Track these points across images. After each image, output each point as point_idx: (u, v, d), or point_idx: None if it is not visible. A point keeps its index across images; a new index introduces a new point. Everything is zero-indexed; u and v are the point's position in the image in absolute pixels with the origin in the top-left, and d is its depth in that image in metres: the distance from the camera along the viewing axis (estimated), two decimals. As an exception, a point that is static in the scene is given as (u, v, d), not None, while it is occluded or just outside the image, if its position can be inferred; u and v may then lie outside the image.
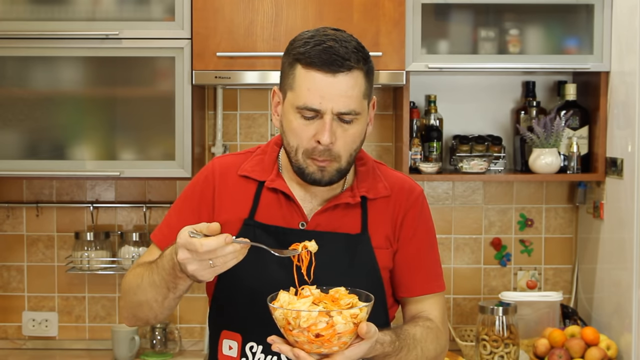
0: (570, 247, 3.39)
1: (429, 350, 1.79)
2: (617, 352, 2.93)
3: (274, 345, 1.56)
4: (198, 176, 1.90)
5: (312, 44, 1.69)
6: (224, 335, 1.83)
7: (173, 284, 1.66)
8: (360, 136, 1.76)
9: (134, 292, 1.76)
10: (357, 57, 1.69)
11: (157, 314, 1.76)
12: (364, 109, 1.74)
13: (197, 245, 1.53)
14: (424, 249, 1.89)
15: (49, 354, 3.31)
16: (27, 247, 3.34)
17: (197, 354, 3.29)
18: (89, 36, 2.93)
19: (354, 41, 1.72)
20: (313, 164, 1.73)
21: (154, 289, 1.70)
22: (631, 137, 2.84)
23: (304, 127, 1.71)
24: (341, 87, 1.68)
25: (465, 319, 3.38)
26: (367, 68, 1.73)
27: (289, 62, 1.74)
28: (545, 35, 3.12)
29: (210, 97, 3.33)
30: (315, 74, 1.68)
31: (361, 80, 1.71)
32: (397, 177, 1.91)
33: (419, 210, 1.88)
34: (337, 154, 1.72)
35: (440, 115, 3.29)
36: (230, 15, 2.94)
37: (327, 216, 1.80)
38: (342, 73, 1.67)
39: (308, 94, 1.68)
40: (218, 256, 1.54)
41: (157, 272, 1.68)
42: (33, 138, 3.04)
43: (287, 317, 1.52)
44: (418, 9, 3.01)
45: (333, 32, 1.73)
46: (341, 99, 1.68)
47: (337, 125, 1.70)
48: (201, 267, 1.56)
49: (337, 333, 1.50)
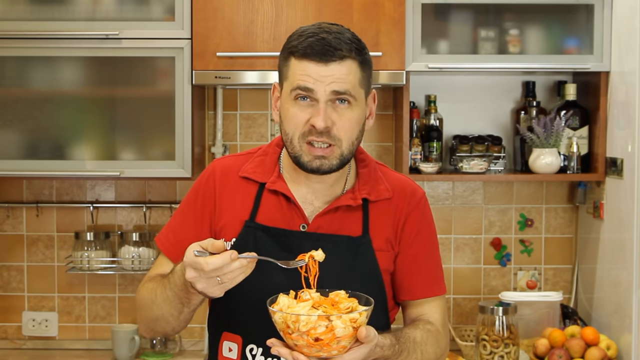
0: (570, 247, 3.39)
1: (429, 354, 1.79)
2: (617, 352, 2.93)
3: (273, 348, 1.56)
4: (200, 179, 1.89)
5: (305, 37, 1.71)
6: (225, 337, 1.83)
7: (187, 299, 1.67)
8: (359, 123, 1.75)
9: (150, 308, 1.78)
10: (349, 47, 1.70)
11: (174, 327, 1.78)
12: (360, 96, 1.74)
13: (203, 264, 1.54)
14: (426, 252, 1.88)
15: (49, 354, 3.31)
16: (27, 247, 3.34)
17: (197, 354, 3.29)
18: (89, 36, 2.93)
19: (349, 33, 1.73)
20: (310, 152, 1.72)
21: (168, 304, 1.72)
22: (631, 137, 2.84)
23: (299, 112, 1.71)
24: (334, 74, 1.69)
25: (465, 319, 3.38)
26: (362, 59, 1.73)
27: (284, 56, 1.75)
28: (545, 35, 3.12)
29: (210, 97, 3.33)
30: (308, 64, 1.69)
31: (355, 69, 1.71)
32: (398, 179, 1.91)
33: (420, 213, 1.87)
34: (337, 136, 1.71)
35: (440, 115, 3.29)
36: (230, 15, 2.94)
37: (328, 218, 1.80)
38: (334, 62, 1.68)
39: (301, 77, 1.70)
40: (225, 273, 1.56)
41: (170, 288, 1.70)
42: (33, 138, 3.03)
43: (286, 320, 1.52)
44: (418, 9, 3.01)
45: (328, 25, 1.74)
46: (335, 82, 1.69)
47: (331, 110, 1.70)
48: (209, 284, 1.57)
49: (337, 337, 1.50)
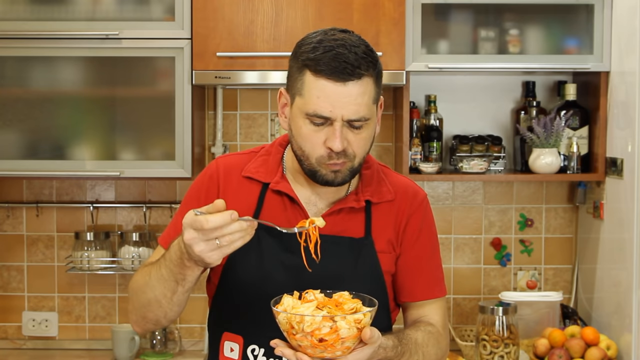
0: (570, 247, 3.39)
1: (430, 355, 1.80)
2: (617, 352, 2.93)
3: (277, 348, 1.55)
4: (202, 177, 1.88)
5: (321, 50, 1.66)
6: (226, 337, 1.83)
7: (181, 275, 1.62)
8: (371, 138, 1.75)
9: (142, 291, 1.74)
10: (367, 63, 1.67)
11: (166, 312, 1.72)
12: (374, 113, 1.73)
13: (203, 222, 1.50)
14: (427, 254, 1.88)
15: (49, 354, 3.31)
16: (27, 247, 3.34)
17: (197, 354, 3.29)
18: (89, 36, 2.93)
19: (363, 45, 1.69)
20: (327, 168, 1.72)
21: (162, 283, 1.67)
22: (631, 137, 2.84)
23: (314, 133, 1.69)
24: (351, 95, 1.66)
25: (465, 319, 3.38)
26: (377, 72, 1.71)
27: (298, 66, 1.71)
28: (545, 35, 3.12)
29: (210, 97, 3.33)
30: (325, 82, 1.65)
31: (371, 87, 1.69)
32: (401, 181, 1.91)
33: (422, 215, 1.88)
34: (352, 154, 1.71)
35: (440, 115, 3.29)
36: (230, 15, 2.94)
37: (332, 220, 1.79)
38: (352, 81, 1.65)
39: (318, 102, 1.66)
40: (225, 234, 1.51)
41: (165, 265, 1.65)
42: (33, 138, 3.03)
43: (290, 321, 1.52)
44: (418, 9, 3.01)
45: (342, 35, 1.69)
46: (351, 106, 1.66)
47: (347, 131, 1.69)
48: (207, 247, 1.52)
49: (341, 338, 1.50)
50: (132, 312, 1.81)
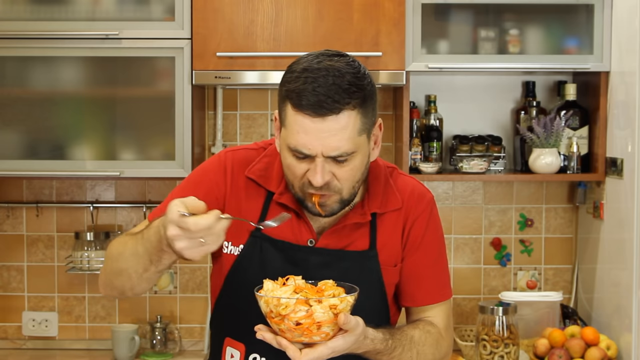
0: (570, 247, 3.39)
1: (427, 354, 1.76)
2: (617, 352, 2.93)
3: (258, 332, 1.56)
4: (209, 165, 1.83)
5: (301, 81, 1.60)
6: (228, 343, 1.81)
7: (157, 257, 1.59)
8: (360, 169, 1.69)
9: (116, 259, 1.71)
10: (348, 95, 1.59)
11: (134, 285, 1.69)
12: (360, 144, 1.66)
13: (190, 225, 1.47)
14: (431, 258, 1.84)
15: (49, 354, 3.31)
16: (27, 247, 3.34)
17: (197, 354, 3.29)
18: (89, 36, 2.93)
19: (349, 73, 1.61)
20: (310, 198, 1.68)
21: (136, 259, 1.64)
22: (631, 137, 2.84)
23: (297, 164, 1.66)
24: (330, 130, 1.59)
25: (465, 319, 3.38)
26: (362, 100, 1.62)
27: (282, 96, 1.65)
28: (545, 35, 3.12)
29: (210, 97, 3.33)
30: (304, 119, 1.60)
31: (354, 118, 1.61)
32: (408, 183, 1.86)
33: (427, 219, 1.83)
34: (337, 187, 1.67)
35: (440, 115, 3.29)
36: (230, 15, 2.94)
37: (337, 235, 1.77)
38: (331, 116, 1.59)
39: (297, 137, 1.61)
40: (211, 234, 1.50)
41: (142, 244, 1.62)
42: (33, 138, 3.04)
43: (269, 304, 1.53)
44: (418, 9, 3.01)
45: (328, 63, 1.62)
46: (331, 142, 1.60)
47: (331, 164, 1.64)
48: (191, 244, 1.50)
49: (316, 322, 1.51)
50: (102, 274, 1.78)
